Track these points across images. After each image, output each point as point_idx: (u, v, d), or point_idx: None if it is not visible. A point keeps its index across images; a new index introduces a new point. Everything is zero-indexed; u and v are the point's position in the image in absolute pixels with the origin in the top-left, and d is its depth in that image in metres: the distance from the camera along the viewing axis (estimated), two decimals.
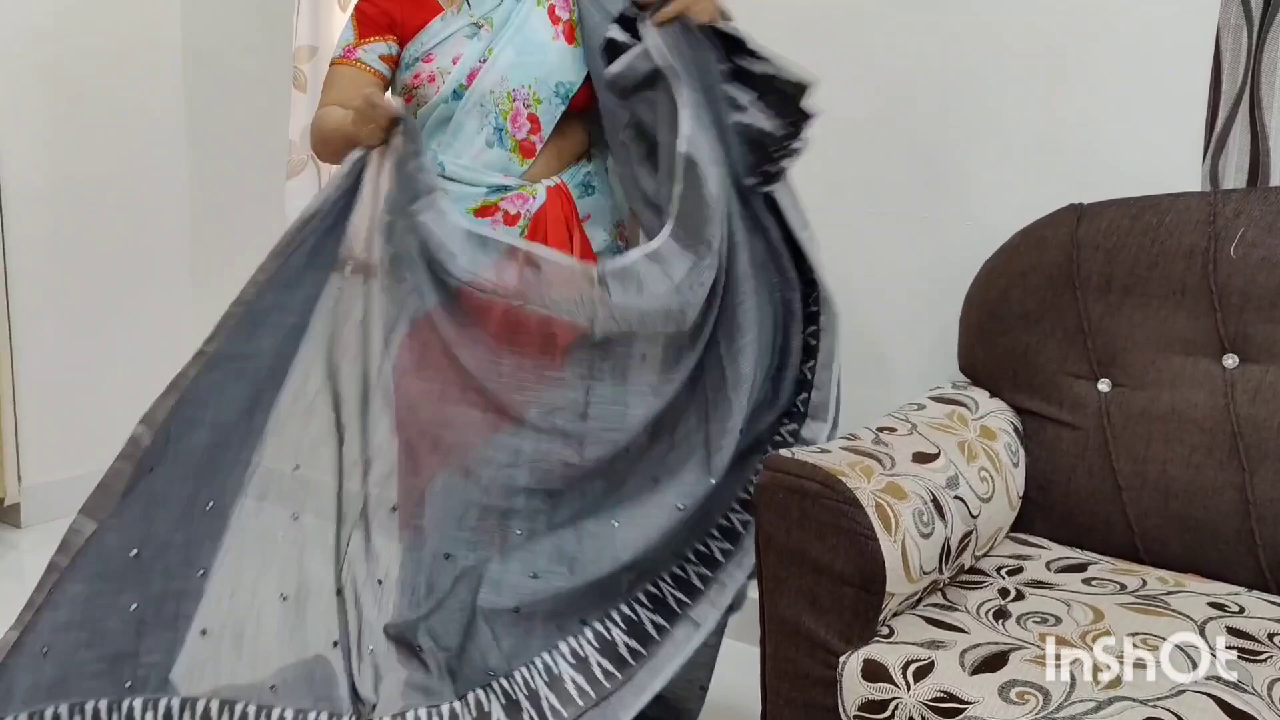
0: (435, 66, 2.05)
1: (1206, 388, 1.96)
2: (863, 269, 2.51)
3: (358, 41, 2.07)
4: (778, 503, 1.75)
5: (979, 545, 1.92)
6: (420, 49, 2.06)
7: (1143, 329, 2.01)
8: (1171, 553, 1.96)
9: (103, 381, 3.50)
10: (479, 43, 2.05)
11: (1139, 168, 2.15)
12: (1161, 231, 2.00)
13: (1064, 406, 2.08)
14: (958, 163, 2.39)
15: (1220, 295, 1.95)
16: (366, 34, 2.06)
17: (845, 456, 1.80)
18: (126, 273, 3.53)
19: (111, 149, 3.45)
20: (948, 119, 2.39)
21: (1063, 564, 1.94)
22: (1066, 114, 2.26)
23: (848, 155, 2.50)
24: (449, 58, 2.05)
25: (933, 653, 1.63)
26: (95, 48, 3.38)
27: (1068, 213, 2.10)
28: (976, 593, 1.83)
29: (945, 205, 2.40)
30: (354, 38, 2.07)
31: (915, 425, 1.99)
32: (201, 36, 3.54)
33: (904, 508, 1.73)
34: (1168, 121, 2.15)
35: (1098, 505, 2.03)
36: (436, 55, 2.05)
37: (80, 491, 3.42)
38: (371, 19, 2.07)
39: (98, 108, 3.41)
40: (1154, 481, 1.98)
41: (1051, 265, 2.09)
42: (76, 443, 3.45)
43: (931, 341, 2.40)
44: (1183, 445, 1.96)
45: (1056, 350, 2.09)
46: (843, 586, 1.70)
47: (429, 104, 2.06)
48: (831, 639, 1.70)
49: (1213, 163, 2.09)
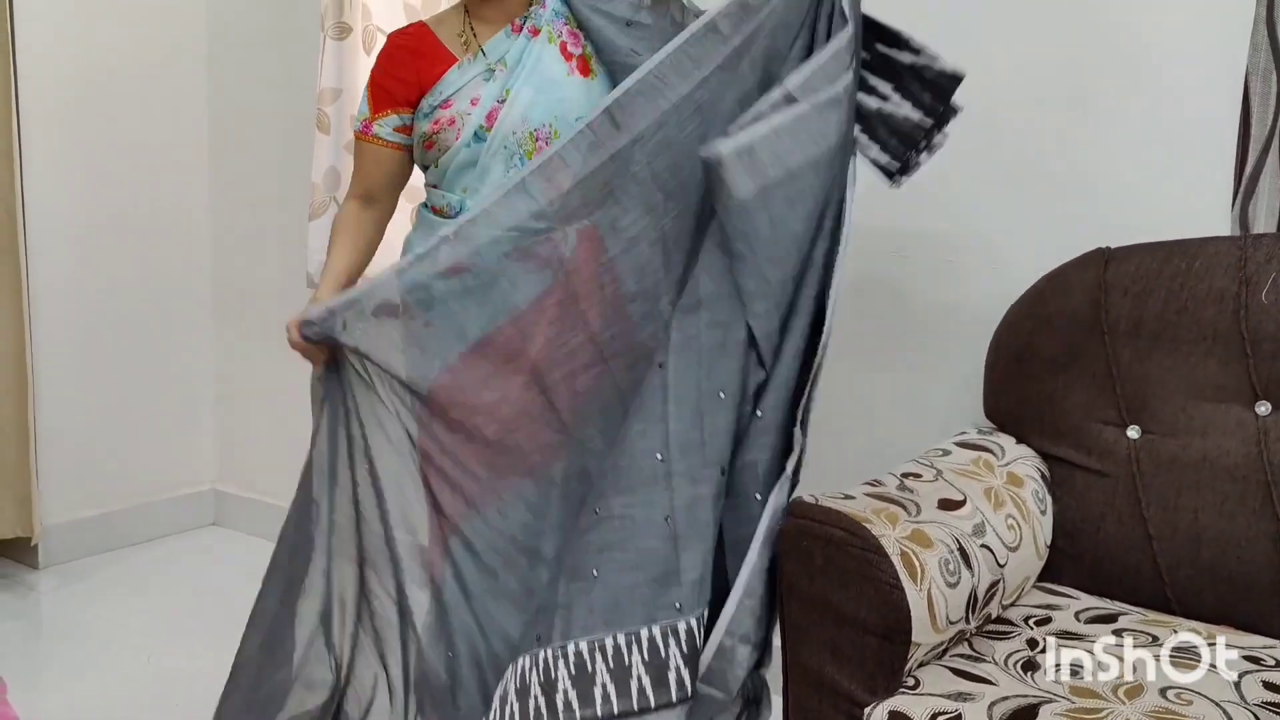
0: (455, 111, 2.06)
1: (1239, 435, 1.92)
2: (887, 313, 2.49)
3: (372, 116, 2.11)
4: (801, 549, 1.72)
5: (1006, 594, 1.88)
6: (438, 98, 2.07)
7: (1173, 374, 1.98)
8: (1204, 604, 1.92)
9: (123, 422, 3.50)
10: (495, 84, 2.05)
11: (1167, 212, 2.13)
12: (1191, 276, 1.97)
13: (1092, 453, 2.04)
14: (983, 206, 2.37)
15: (1252, 341, 1.92)
16: (380, 108, 2.10)
17: (870, 503, 1.78)
18: (148, 313, 3.54)
19: (135, 190, 3.47)
20: (972, 161, 2.37)
21: (1092, 614, 1.90)
22: (1094, 158, 2.24)
23: (872, 198, 2.48)
24: (467, 100, 2.06)
25: (960, 705, 1.59)
26: (120, 89, 3.40)
27: (1095, 256, 2.08)
28: (1004, 643, 1.79)
29: (970, 249, 2.38)
30: (369, 112, 2.12)
31: (941, 471, 1.96)
32: (226, 78, 3.57)
33: (930, 556, 1.70)
34: (1197, 165, 2.13)
35: (1127, 555, 1.99)
36: (455, 101, 2.06)
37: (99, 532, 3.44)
38: (384, 91, 2.10)
39: (122, 149, 3.43)
40: (1185, 531, 1.94)
41: (1078, 309, 2.06)
42: (96, 483, 3.45)
43: (956, 386, 2.37)
44: (1215, 494, 1.92)
45: (1084, 396, 2.06)
46: (867, 636, 1.66)
47: (451, 149, 2.06)
48: (856, 690, 1.67)
49: (1243, 207, 2.07)
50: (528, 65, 2.06)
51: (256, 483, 3.66)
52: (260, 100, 3.51)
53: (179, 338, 3.62)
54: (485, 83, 2.06)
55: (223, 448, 3.73)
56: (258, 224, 3.56)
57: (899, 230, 2.46)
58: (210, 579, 3.34)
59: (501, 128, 2.04)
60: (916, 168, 1.96)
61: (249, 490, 3.67)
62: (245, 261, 3.61)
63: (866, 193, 2.47)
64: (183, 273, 3.61)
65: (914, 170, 1.96)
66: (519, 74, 2.05)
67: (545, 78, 2.05)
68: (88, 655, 2.82)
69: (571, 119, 2.03)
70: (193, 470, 3.70)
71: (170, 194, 3.56)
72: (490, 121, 2.04)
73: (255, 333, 3.61)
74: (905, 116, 1.92)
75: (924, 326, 2.45)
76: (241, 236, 3.61)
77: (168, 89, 3.52)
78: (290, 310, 3.44)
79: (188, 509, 3.68)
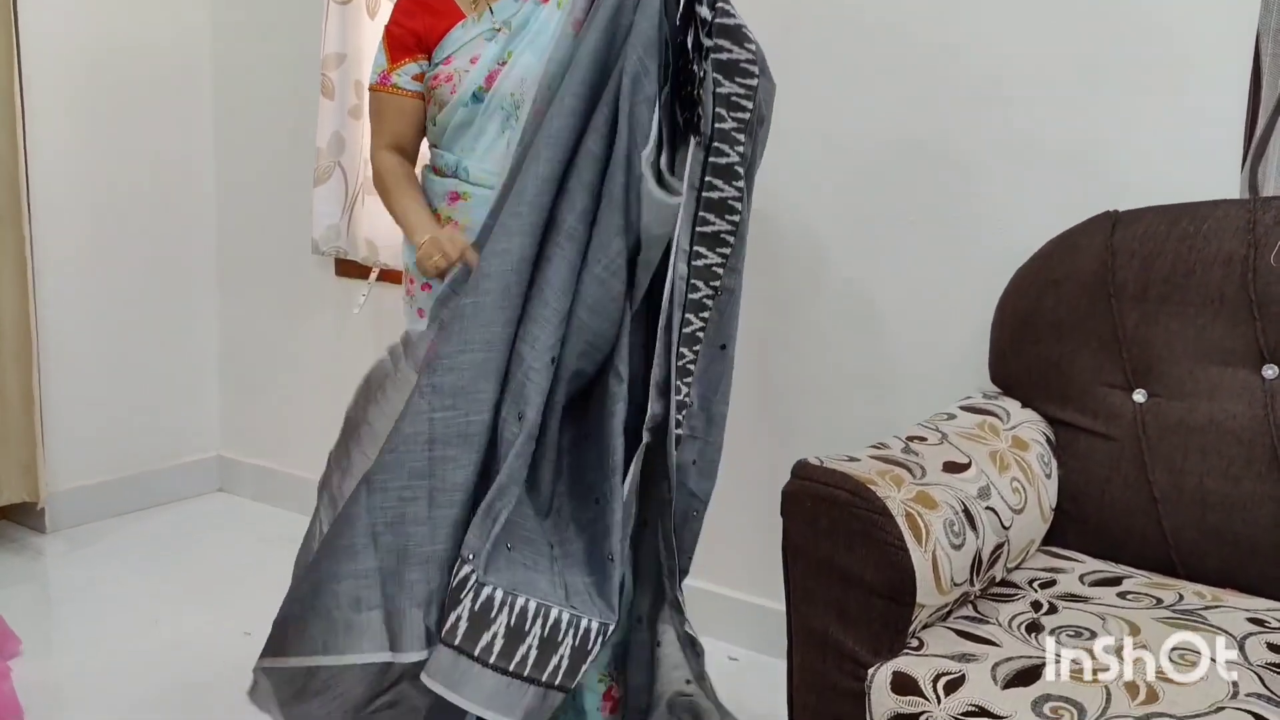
0: (454, 68, 2.07)
1: (1245, 398, 1.92)
2: (894, 278, 2.48)
3: (391, 67, 2.12)
4: (806, 512, 1.73)
5: (1011, 557, 1.88)
6: (441, 54, 2.09)
7: (1179, 338, 1.97)
8: (1209, 567, 1.92)
9: (129, 389, 3.51)
10: (497, 45, 2.06)
11: (1176, 175, 2.12)
12: (1199, 239, 1.96)
13: (1098, 417, 2.04)
14: (990, 171, 2.35)
15: (1259, 304, 1.91)
16: (397, 57, 2.11)
17: (875, 465, 1.77)
18: (154, 280, 3.53)
19: (139, 157, 3.46)
20: (980, 126, 2.35)
21: (1097, 577, 1.90)
22: (1102, 121, 2.22)
23: (880, 164, 2.48)
24: (466, 58, 2.07)
25: (964, 666, 1.60)
26: (125, 58, 3.38)
27: (1103, 219, 2.07)
28: (1008, 605, 1.79)
29: (978, 214, 2.37)
30: (386, 63, 2.13)
31: (946, 435, 1.95)
32: (231, 45, 3.55)
33: (934, 518, 1.70)
34: (1206, 128, 2.11)
35: (1133, 518, 1.98)
36: (455, 58, 2.07)
37: (106, 497, 3.45)
38: (399, 41, 2.11)
39: (127, 117, 3.42)
40: (1191, 494, 1.93)
41: (1085, 273, 2.05)
42: (103, 449, 3.46)
43: (962, 351, 2.37)
44: (1220, 457, 1.92)
45: (1090, 360, 2.05)
46: (872, 597, 1.67)
47: (449, 107, 2.07)
48: (860, 651, 1.67)
49: (1252, 169, 2.05)
50: (532, 30, 2.06)
51: (262, 449, 3.66)
52: (264, 66, 3.49)
53: (184, 304, 3.62)
54: (487, 43, 2.06)
55: (228, 414, 3.73)
56: (262, 190, 3.55)
57: (908, 198, 2.45)
58: (216, 544, 3.35)
59: (499, 90, 2.05)
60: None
61: (254, 456, 3.68)
62: (250, 227, 3.60)
63: (874, 159, 2.47)
64: (187, 239, 3.61)
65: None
66: (523, 38, 2.05)
67: (548, 45, 2.04)
68: (95, 619, 2.84)
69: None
70: (199, 436, 3.71)
71: (175, 161, 3.55)
72: (489, 83, 2.05)
73: (260, 298, 3.61)
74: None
75: (931, 292, 2.44)
76: (246, 203, 3.60)
77: (172, 56, 3.50)
78: (295, 275, 3.46)
79: (194, 475, 3.68)
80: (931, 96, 2.40)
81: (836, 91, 2.50)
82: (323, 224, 3.22)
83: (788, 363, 2.61)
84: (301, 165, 3.28)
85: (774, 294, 2.59)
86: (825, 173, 2.53)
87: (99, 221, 3.39)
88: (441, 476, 1.82)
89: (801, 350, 2.60)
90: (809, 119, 2.49)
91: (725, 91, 1.84)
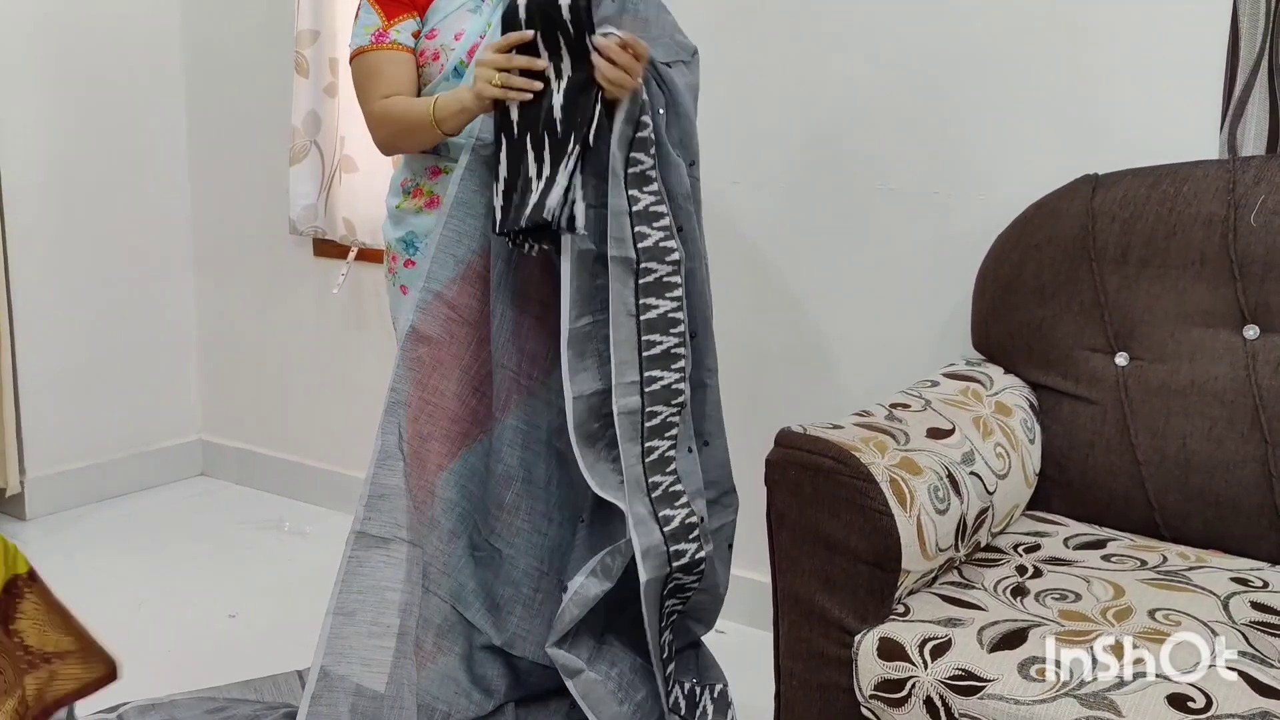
0: (439, 43, 2.03)
1: (1227, 360, 1.92)
2: (874, 245, 2.47)
3: (387, 24, 2.03)
4: (790, 480, 1.72)
5: (995, 522, 1.88)
6: (426, 24, 2.04)
7: (1161, 301, 1.97)
8: (1192, 528, 1.92)
9: (108, 373, 3.48)
10: (480, 18, 2.03)
11: (1155, 137, 2.11)
12: (1179, 200, 1.95)
13: (1081, 381, 2.04)
14: (969, 135, 2.34)
15: (1240, 264, 1.90)
16: (394, 14, 2.03)
17: (859, 432, 1.77)
18: (128, 262, 3.50)
19: (112, 137, 3.42)
20: (959, 90, 2.34)
21: (1081, 541, 1.90)
22: (1081, 83, 2.21)
23: (858, 131, 2.47)
24: (451, 34, 2.03)
25: (950, 630, 1.59)
26: (95, 35, 3.34)
27: (1083, 183, 2.06)
28: (994, 570, 1.79)
29: (957, 179, 2.36)
30: (381, 21, 2.03)
31: (929, 401, 1.95)
32: (202, 22, 3.50)
33: (919, 483, 1.69)
34: (1185, 89, 2.10)
35: (1116, 481, 1.99)
36: (440, 31, 2.03)
37: (87, 483, 3.42)
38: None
39: (98, 96, 3.38)
40: (1174, 456, 1.94)
41: (1066, 237, 2.05)
42: (82, 435, 3.43)
43: (945, 317, 2.36)
44: (1203, 419, 1.92)
45: (1072, 324, 2.05)
46: (857, 564, 1.66)
47: (433, 82, 2.04)
48: (846, 618, 1.67)
49: (1231, 130, 2.05)
50: None
51: (244, 432, 3.64)
52: (238, 43, 3.45)
53: (161, 286, 3.59)
54: (471, 14, 2.03)
55: (209, 397, 3.70)
56: (238, 169, 3.51)
57: (886, 163, 2.44)
58: (200, 528, 3.33)
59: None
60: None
61: (236, 439, 3.65)
62: (226, 207, 3.56)
63: (852, 126, 2.46)
64: (163, 220, 3.57)
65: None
66: (501, 10, 2.02)
67: None
68: (77, 604, 2.76)
69: None
70: (180, 420, 3.68)
71: (148, 141, 3.51)
72: (470, 57, 2.02)
73: (239, 279, 3.58)
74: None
75: (913, 259, 2.43)
76: (221, 183, 3.56)
77: (144, 34, 3.46)
78: (273, 255, 3.44)
79: (176, 459, 3.66)
80: (908, 61, 2.39)
81: (810, 57, 2.48)
82: (299, 204, 3.19)
83: (770, 333, 2.60)
84: (277, 144, 3.24)
85: (755, 263, 2.58)
86: (803, 141, 2.51)
87: (71, 203, 3.35)
88: None
89: (783, 320, 2.59)
90: (783, 86, 2.48)
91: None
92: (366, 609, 1.89)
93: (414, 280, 2.05)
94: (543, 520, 2.04)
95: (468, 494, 2.03)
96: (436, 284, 1.96)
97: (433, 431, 1.97)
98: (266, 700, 2.26)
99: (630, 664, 2.05)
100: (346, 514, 3.29)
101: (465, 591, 2.03)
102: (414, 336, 1.95)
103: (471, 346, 2.00)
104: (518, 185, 1.86)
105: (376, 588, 1.90)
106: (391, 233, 2.15)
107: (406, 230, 2.11)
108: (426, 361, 1.96)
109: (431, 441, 1.97)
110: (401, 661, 1.91)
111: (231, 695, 2.28)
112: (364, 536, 1.92)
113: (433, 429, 1.98)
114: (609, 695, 1.97)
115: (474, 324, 2.00)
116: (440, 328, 1.96)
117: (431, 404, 1.97)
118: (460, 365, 2.00)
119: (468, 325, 1.99)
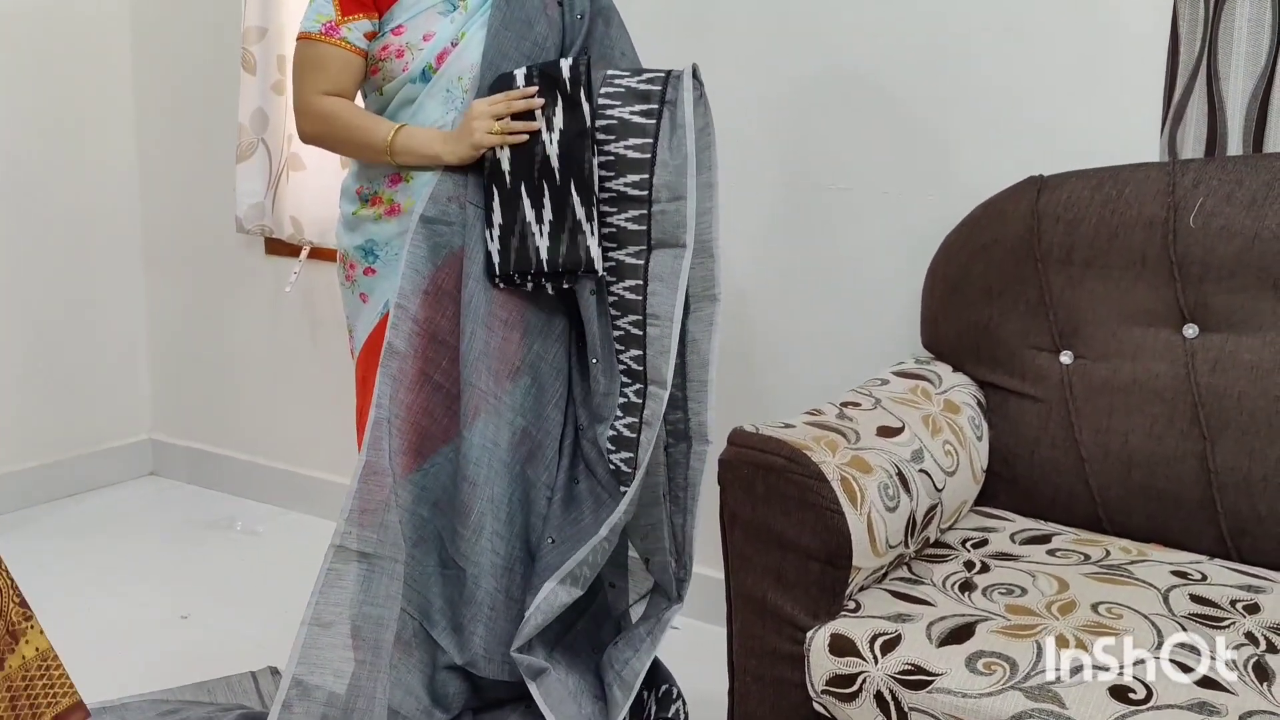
0: (405, 41, 1.98)
1: (1167, 358, 1.96)
2: (826, 244, 2.50)
3: (341, 19, 1.99)
4: (743, 479, 1.74)
5: (944, 519, 1.92)
6: (392, 21, 1.99)
7: (1104, 300, 2.01)
8: (1134, 523, 1.97)
9: (56, 373, 3.44)
10: (452, 24, 1.98)
11: (1100, 138, 2.16)
12: (1121, 203, 2.00)
13: (1026, 379, 2.08)
14: (919, 137, 2.38)
15: (1180, 265, 1.95)
16: (350, 10, 1.98)
17: (810, 431, 1.79)
18: (77, 260, 3.46)
19: (59, 134, 3.38)
20: (908, 93, 2.38)
21: (1027, 536, 1.94)
22: (1027, 86, 2.25)
23: (809, 132, 2.49)
24: (420, 34, 1.99)
25: (900, 626, 1.63)
26: (42, 32, 3.29)
27: (1028, 185, 2.10)
28: (942, 566, 1.82)
29: (907, 180, 2.40)
30: (336, 14, 1.99)
31: (879, 400, 1.98)
32: (149, 18, 3.47)
33: (869, 481, 1.72)
34: (1127, 92, 2.15)
35: (1061, 477, 2.03)
36: (407, 29, 1.98)
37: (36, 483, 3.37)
38: None
39: (45, 92, 3.33)
40: (1116, 452, 1.98)
41: (1012, 238, 2.08)
42: (32, 435, 3.39)
43: (894, 316, 2.40)
44: (1144, 416, 1.97)
45: (1018, 323, 2.09)
46: (809, 561, 1.69)
47: (396, 81, 2.00)
48: (798, 614, 1.69)
49: (1171, 133, 2.10)
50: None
51: (195, 430, 3.61)
52: (184, 41, 3.42)
53: (110, 283, 3.55)
54: (442, 17, 1.99)
55: (159, 396, 3.67)
56: (185, 167, 3.48)
57: (836, 164, 2.47)
58: (150, 528, 3.31)
59: (449, 70, 1.98)
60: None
61: (187, 438, 3.63)
62: (173, 205, 3.53)
63: (803, 127, 2.49)
64: (111, 218, 3.53)
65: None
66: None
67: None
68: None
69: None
70: (129, 419, 3.65)
71: (95, 139, 3.47)
72: (440, 62, 1.99)
73: (189, 277, 3.55)
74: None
75: (862, 257, 2.46)
76: (169, 180, 3.53)
77: (91, 30, 3.42)
78: (224, 253, 3.41)
79: (125, 459, 3.63)
80: (858, 62, 2.42)
81: (760, 57, 2.51)
82: (246, 202, 3.17)
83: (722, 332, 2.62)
84: (224, 140, 3.22)
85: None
86: (753, 140, 2.53)
87: (17, 203, 3.30)
88: None
89: (734, 318, 2.60)
90: (733, 85, 2.50)
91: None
92: (343, 622, 1.92)
93: (375, 288, 2.05)
94: (500, 541, 2.04)
95: (435, 508, 2.04)
96: (404, 299, 1.96)
97: (400, 445, 1.98)
98: (220, 702, 2.26)
99: (583, 672, 2.07)
100: (300, 512, 3.34)
101: (432, 610, 2.04)
102: (388, 351, 1.96)
103: (441, 364, 2.00)
104: (515, 230, 1.94)
105: (354, 601, 1.92)
106: (347, 239, 2.10)
107: (365, 238, 2.07)
108: (397, 375, 1.96)
109: (400, 456, 1.98)
110: (375, 675, 1.93)
111: (185, 697, 2.27)
112: (343, 550, 1.93)
113: (400, 442, 1.98)
114: (569, 697, 1.99)
115: (442, 341, 1.99)
116: (405, 342, 1.97)
117: (399, 417, 1.97)
118: (428, 379, 2.00)
119: (436, 342, 1.99)
